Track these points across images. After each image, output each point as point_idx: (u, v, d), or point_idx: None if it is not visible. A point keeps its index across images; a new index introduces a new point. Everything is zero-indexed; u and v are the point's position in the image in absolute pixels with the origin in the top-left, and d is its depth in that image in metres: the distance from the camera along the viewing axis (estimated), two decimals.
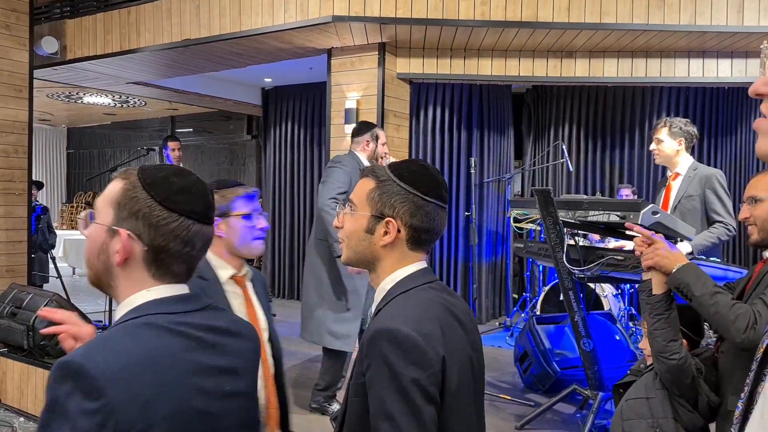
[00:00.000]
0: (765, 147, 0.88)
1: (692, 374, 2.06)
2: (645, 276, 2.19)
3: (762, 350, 0.82)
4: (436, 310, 1.31)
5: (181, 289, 1.19)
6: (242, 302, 1.90)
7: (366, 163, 3.98)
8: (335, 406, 3.92)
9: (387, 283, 1.37)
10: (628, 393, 2.30)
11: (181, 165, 5.99)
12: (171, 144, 6.02)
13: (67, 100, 9.48)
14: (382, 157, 3.99)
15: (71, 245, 10.25)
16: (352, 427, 1.27)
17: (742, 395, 0.84)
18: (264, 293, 2.00)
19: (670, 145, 3.57)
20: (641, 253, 2.15)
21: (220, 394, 1.16)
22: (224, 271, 1.91)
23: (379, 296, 1.37)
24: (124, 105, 9.92)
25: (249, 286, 1.95)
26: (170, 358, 1.09)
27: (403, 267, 1.37)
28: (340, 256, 1.63)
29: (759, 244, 2.11)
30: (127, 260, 1.14)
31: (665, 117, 3.76)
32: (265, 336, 1.88)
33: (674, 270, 2.04)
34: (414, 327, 1.22)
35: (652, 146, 3.66)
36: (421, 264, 1.39)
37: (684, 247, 3.13)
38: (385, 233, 1.36)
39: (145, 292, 1.15)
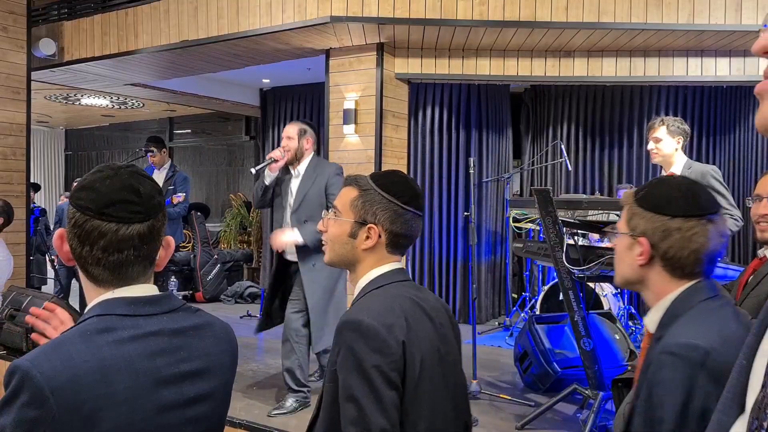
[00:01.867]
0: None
1: None
2: None
3: None
4: (402, 303, 1.43)
5: (146, 290, 1.15)
6: None
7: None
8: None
9: (363, 281, 1.51)
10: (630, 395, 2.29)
11: (165, 167, 5.96)
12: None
13: (65, 101, 9.46)
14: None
15: None
16: (328, 408, 1.40)
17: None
18: None
19: (669, 143, 3.57)
20: None
21: (182, 403, 1.13)
22: None
23: (355, 293, 1.52)
24: (122, 106, 9.90)
25: None
26: (126, 369, 1.05)
27: (379, 267, 1.51)
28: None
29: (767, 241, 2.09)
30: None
31: (660, 116, 3.74)
32: None
33: None
34: (376, 318, 1.36)
35: (650, 146, 3.65)
36: (396, 264, 1.54)
37: None
38: (367, 238, 1.50)
39: (109, 294, 1.12)
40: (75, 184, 1.17)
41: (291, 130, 4.04)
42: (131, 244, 1.10)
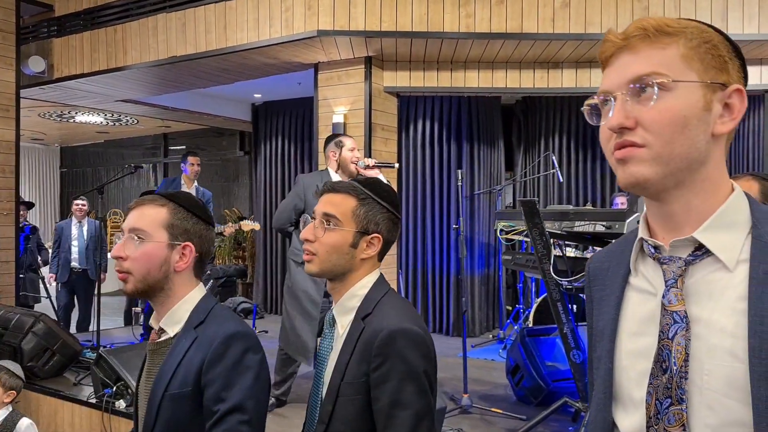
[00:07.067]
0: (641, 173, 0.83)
1: None
2: None
3: None
4: (412, 307, 1.54)
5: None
6: None
7: (334, 174, 4.01)
8: None
9: (358, 289, 1.49)
10: None
11: (196, 180, 6.01)
12: (190, 159, 6.06)
13: (59, 119, 9.47)
14: (353, 162, 3.96)
15: None
16: (350, 422, 1.39)
17: None
18: None
19: None
20: None
21: None
22: None
23: (349, 301, 1.49)
24: (117, 123, 9.91)
25: None
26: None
27: (370, 274, 1.51)
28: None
29: None
30: (187, 266, 1.49)
31: None
32: None
33: None
34: (418, 324, 1.42)
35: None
36: (379, 270, 1.56)
37: None
38: (367, 247, 1.49)
39: (197, 289, 1.51)
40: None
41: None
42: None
